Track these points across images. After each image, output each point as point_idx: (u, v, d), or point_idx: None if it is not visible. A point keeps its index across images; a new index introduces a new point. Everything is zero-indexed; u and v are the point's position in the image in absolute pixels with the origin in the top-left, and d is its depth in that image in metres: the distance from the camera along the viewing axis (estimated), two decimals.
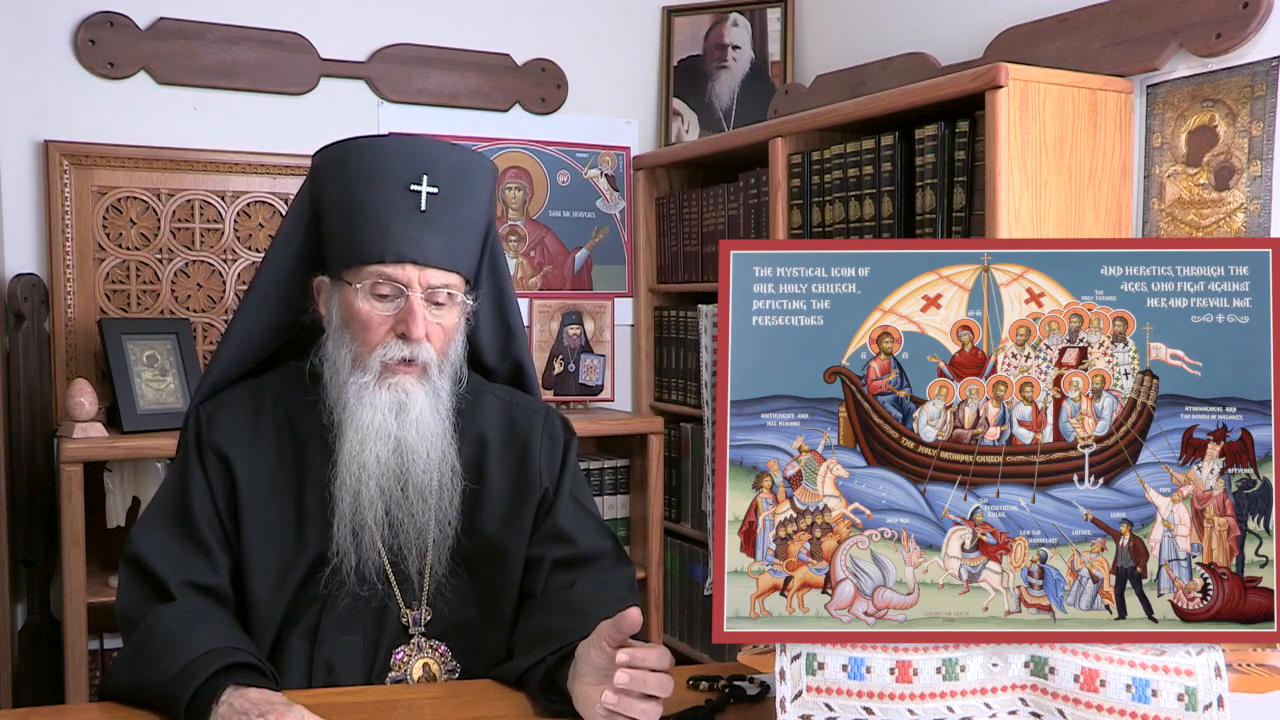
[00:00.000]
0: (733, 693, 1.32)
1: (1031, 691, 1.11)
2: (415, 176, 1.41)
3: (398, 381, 1.40)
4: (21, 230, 2.66)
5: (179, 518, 1.44)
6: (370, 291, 1.40)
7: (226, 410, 1.48)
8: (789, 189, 2.57)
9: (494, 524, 1.50)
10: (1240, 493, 1.09)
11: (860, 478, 1.12)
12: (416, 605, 1.46)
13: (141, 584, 1.41)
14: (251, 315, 1.52)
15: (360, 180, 1.43)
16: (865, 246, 1.23)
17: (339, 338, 1.44)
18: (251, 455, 1.45)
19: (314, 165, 1.51)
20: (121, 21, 2.73)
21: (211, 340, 2.81)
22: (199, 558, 1.42)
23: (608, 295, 3.29)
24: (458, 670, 1.45)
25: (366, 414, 1.40)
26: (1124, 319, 1.11)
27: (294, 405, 1.48)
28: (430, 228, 1.41)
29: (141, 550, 1.42)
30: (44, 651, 2.61)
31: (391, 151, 1.44)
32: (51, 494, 2.61)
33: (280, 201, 2.86)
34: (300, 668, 1.40)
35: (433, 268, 1.41)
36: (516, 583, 1.50)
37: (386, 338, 1.40)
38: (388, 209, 1.41)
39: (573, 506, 1.54)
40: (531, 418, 1.57)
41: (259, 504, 1.43)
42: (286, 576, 1.42)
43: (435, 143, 1.47)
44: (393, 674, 1.43)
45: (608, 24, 3.27)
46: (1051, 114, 2.07)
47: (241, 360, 1.53)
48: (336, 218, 1.45)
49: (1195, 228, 2.07)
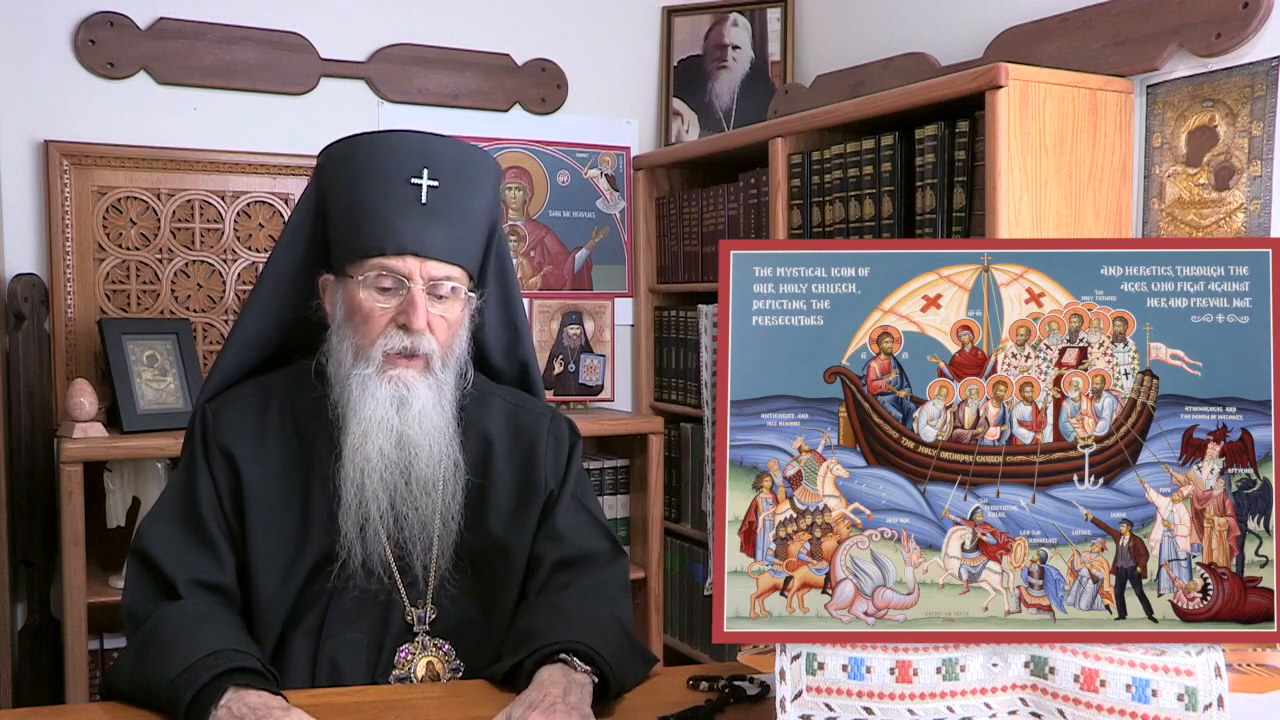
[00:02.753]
0: (733, 693, 1.32)
1: (1031, 691, 1.11)
2: (416, 170, 1.42)
3: (399, 374, 1.41)
4: (21, 230, 2.66)
5: (186, 514, 1.44)
6: (372, 284, 1.41)
7: (232, 408, 1.49)
8: (789, 189, 2.57)
9: (499, 523, 1.50)
10: (1240, 493, 1.09)
11: (860, 478, 1.12)
12: (421, 603, 1.46)
13: (148, 580, 1.42)
14: (257, 313, 1.53)
15: (363, 175, 1.43)
16: (865, 246, 1.23)
17: (342, 332, 1.44)
18: (258, 453, 1.45)
19: (319, 163, 1.51)
20: (121, 21, 2.73)
21: (212, 340, 2.81)
22: (205, 555, 1.42)
23: (608, 295, 3.29)
24: (461, 669, 1.46)
25: (368, 406, 1.40)
26: (1124, 319, 1.11)
27: (300, 403, 1.49)
28: (432, 220, 1.42)
29: (149, 545, 1.43)
30: (44, 651, 2.61)
31: (393, 146, 1.45)
32: (51, 494, 2.61)
33: (280, 201, 2.86)
34: (304, 664, 1.41)
35: (434, 260, 1.42)
36: (519, 583, 1.50)
37: (388, 329, 1.41)
38: (389, 202, 1.41)
39: (572, 507, 1.54)
40: (538, 420, 1.57)
41: (265, 501, 1.44)
42: (291, 572, 1.42)
43: (437, 137, 1.48)
44: (397, 671, 1.43)
45: (608, 24, 3.27)
46: (1051, 114, 2.07)
47: (247, 358, 1.54)
48: (340, 213, 1.46)
49: (1195, 228, 2.07)
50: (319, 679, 1.40)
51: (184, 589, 1.39)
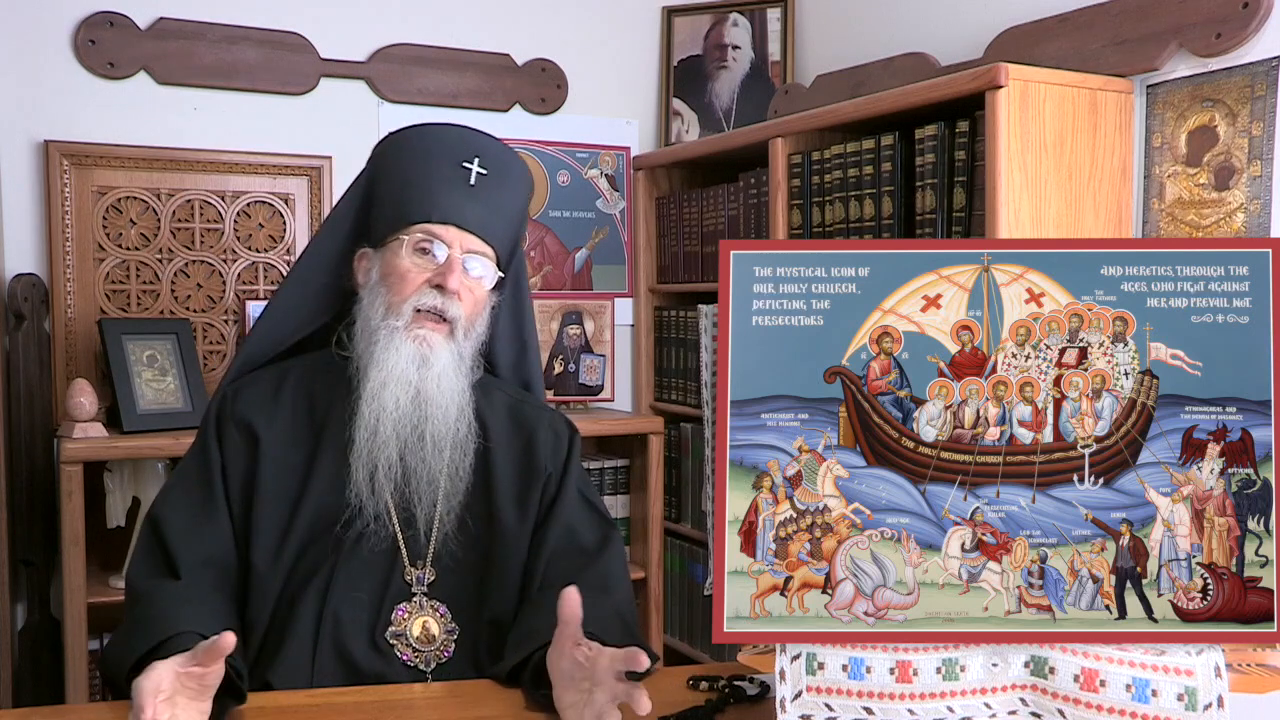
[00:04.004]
0: (733, 693, 1.32)
1: (1031, 691, 1.11)
2: (468, 156, 1.52)
3: (425, 334, 1.47)
4: (21, 230, 2.66)
5: (198, 486, 1.49)
6: (413, 246, 1.49)
7: (251, 387, 1.55)
8: (789, 189, 2.57)
9: (501, 496, 1.53)
10: (1240, 493, 1.09)
11: (860, 478, 1.12)
12: (421, 563, 1.49)
13: (152, 552, 1.46)
14: (293, 286, 1.59)
15: (415, 157, 1.53)
16: (865, 246, 1.23)
17: (375, 291, 1.51)
18: (272, 423, 1.51)
19: (376, 149, 1.60)
20: (121, 21, 2.73)
21: (211, 340, 2.81)
22: (210, 527, 1.46)
23: (608, 295, 3.29)
24: (456, 632, 1.47)
25: (391, 358, 1.45)
26: (1124, 319, 1.11)
27: (317, 381, 1.55)
28: (476, 200, 1.51)
29: (160, 512, 1.48)
30: (44, 651, 2.61)
31: (449, 135, 1.55)
32: (51, 494, 2.61)
33: (280, 201, 2.86)
34: (310, 620, 1.43)
35: (473, 234, 1.50)
36: (520, 561, 1.52)
37: (422, 288, 1.48)
38: (438, 179, 1.51)
39: (576, 499, 1.58)
40: (538, 414, 1.63)
41: (274, 468, 1.48)
42: (288, 538, 1.46)
43: (489, 136, 1.57)
44: (393, 628, 1.45)
45: (608, 24, 3.27)
46: (1051, 114, 2.07)
47: (276, 334, 1.59)
48: (389, 191, 1.54)
49: (1195, 228, 2.07)
50: (322, 634, 1.43)
51: (184, 568, 1.42)
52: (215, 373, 2.78)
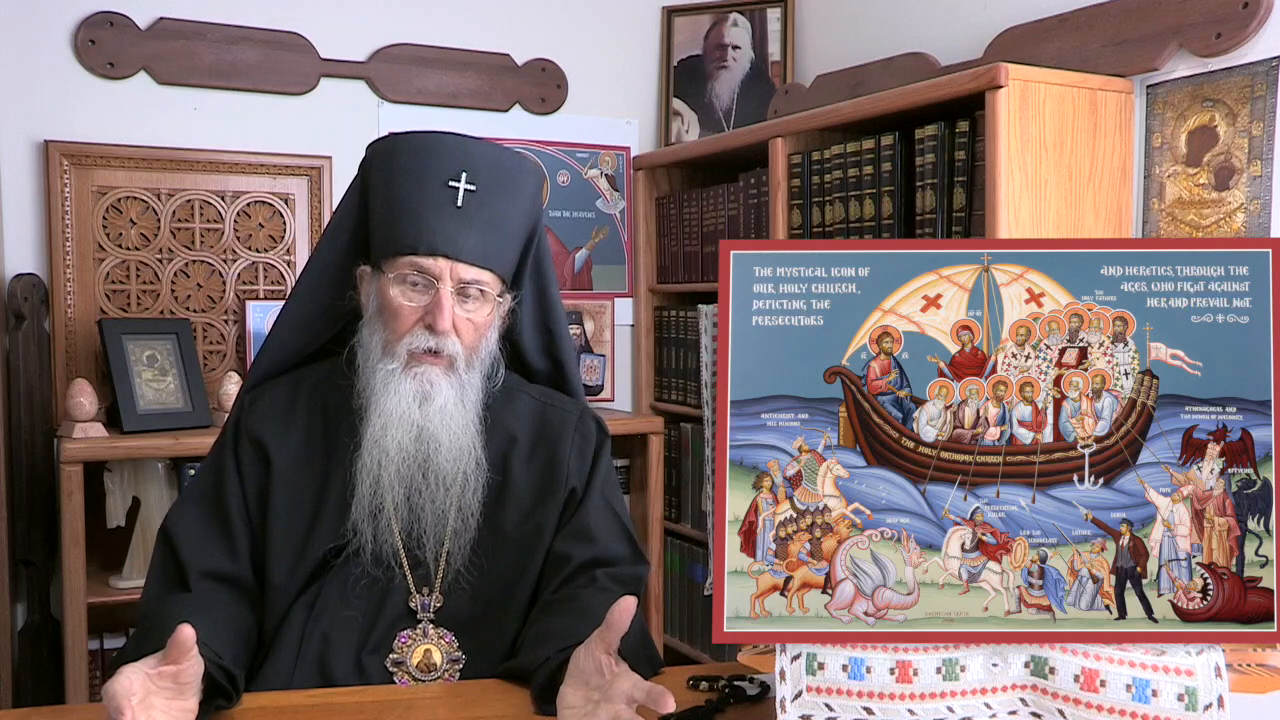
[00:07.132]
0: (733, 693, 1.32)
1: (1031, 691, 1.11)
2: (454, 173, 1.45)
3: (423, 371, 1.44)
4: (21, 230, 2.66)
5: (210, 500, 1.49)
6: (402, 281, 1.44)
7: (266, 398, 1.53)
8: (789, 189, 2.57)
9: (515, 519, 1.50)
10: (1240, 493, 1.09)
11: (860, 478, 1.12)
12: (428, 590, 1.47)
13: (167, 564, 1.46)
14: (300, 300, 1.56)
15: (402, 174, 1.46)
16: (865, 246, 1.23)
17: (373, 325, 1.48)
18: (285, 440, 1.49)
19: (365, 157, 1.55)
20: (121, 21, 2.73)
21: (211, 340, 2.81)
22: (222, 542, 1.46)
23: (608, 295, 3.29)
24: (462, 661, 1.45)
25: (390, 401, 1.43)
26: (1124, 319, 1.11)
27: (330, 393, 1.52)
28: (466, 223, 1.44)
29: (173, 527, 1.47)
30: (44, 651, 2.61)
31: (434, 147, 1.47)
32: (51, 494, 2.61)
33: (280, 201, 2.86)
34: (295, 635, 1.42)
35: (465, 263, 1.44)
36: (533, 580, 1.50)
37: (415, 327, 1.44)
38: (425, 203, 1.44)
39: (601, 507, 1.54)
40: (565, 418, 1.58)
41: (287, 486, 1.47)
42: (304, 556, 1.45)
43: (478, 142, 1.50)
44: (392, 655, 1.43)
45: (608, 24, 3.27)
46: (1051, 114, 2.07)
47: (289, 346, 1.57)
48: (379, 208, 1.49)
49: (1195, 228, 2.07)
50: (307, 650, 1.41)
51: (194, 581, 1.42)
52: (215, 373, 2.78)
